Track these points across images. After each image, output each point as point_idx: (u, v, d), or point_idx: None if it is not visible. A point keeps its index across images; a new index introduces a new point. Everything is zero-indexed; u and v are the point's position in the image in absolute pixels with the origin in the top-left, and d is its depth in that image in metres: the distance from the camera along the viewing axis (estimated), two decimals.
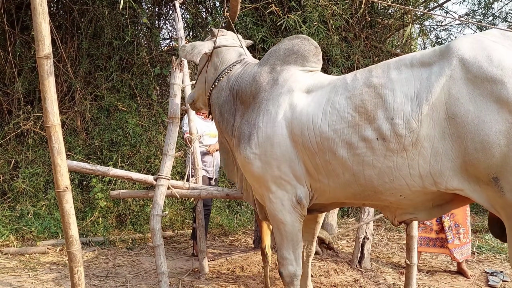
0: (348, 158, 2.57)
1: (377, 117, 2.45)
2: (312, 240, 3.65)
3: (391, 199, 2.62)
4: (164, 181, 4.08)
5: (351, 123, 2.55)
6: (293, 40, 3.18)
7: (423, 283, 4.50)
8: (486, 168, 2.14)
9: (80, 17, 8.12)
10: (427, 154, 2.31)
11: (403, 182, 2.44)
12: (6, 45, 7.68)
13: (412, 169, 2.38)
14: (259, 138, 2.93)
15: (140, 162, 7.32)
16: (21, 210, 6.57)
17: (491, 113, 2.08)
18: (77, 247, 3.01)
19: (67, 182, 2.92)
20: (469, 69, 2.17)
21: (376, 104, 2.46)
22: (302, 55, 3.11)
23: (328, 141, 2.63)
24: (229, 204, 7.59)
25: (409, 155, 2.36)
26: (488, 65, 2.12)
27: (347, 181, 2.65)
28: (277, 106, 2.93)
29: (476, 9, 9.13)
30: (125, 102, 7.80)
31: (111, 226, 6.58)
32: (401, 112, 2.37)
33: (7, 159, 7.43)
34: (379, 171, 2.49)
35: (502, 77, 2.08)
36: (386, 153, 2.43)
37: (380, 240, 6.28)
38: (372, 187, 2.58)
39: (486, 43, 2.19)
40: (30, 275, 4.80)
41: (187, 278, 4.64)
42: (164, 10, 9.16)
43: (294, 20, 6.95)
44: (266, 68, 3.17)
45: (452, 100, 2.20)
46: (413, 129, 2.32)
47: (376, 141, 2.46)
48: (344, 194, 2.78)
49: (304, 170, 2.83)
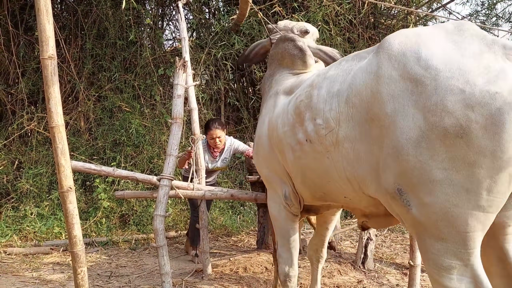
0: (294, 160, 2.58)
1: (305, 118, 2.39)
2: (322, 246, 3.62)
3: (341, 201, 2.58)
4: (167, 181, 4.07)
5: (291, 125, 2.54)
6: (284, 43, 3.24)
7: (427, 284, 4.49)
8: (392, 177, 1.91)
9: (84, 17, 8.14)
10: (350, 156, 2.13)
11: (337, 184, 2.35)
12: (10, 45, 7.71)
13: (338, 171, 2.25)
14: (256, 138, 3.14)
15: (144, 162, 7.33)
16: (24, 211, 6.58)
17: (406, 118, 1.80)
18: (80, 248, 3.02)
19: (70, 182, 2.93)
20: (395, 66, 1.88)
21: (306, 104, 2.39)
22: (290, 59, 3.19)
23: (281, 143, 2.68)
24: (232, 204, 7.59)
25: (334, 157, 2.23)
26: (413, 63, 1.82)
27: (303, 182, 2.65)
28: (266, 108, 3.07)
29: (479, 10, 9.12)
30: (128, 103, 7.82)
31: (114, 227, 6.59)
32: (321, 111, 2.25)
33: (11, 160, 7.45)
34: (316, 172, 2.44)
35: (423, 78, 1.78)
36: (315, 155, 2.36)
37: (384, 241, 6.27)
38: (319, 187, 2.55)
39: (423, 39, 1.88)
40: (33, 275, 4.81)
41: (190, 278, 4.64)
42: (168, 11, 9.18)
43: (297, 20, 6.94)
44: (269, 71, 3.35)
45: (374, 100, 1.95)
46: (331, 128, 2.17)
47: (306, 143, 2.39)
48: (306, 194, 2.78)
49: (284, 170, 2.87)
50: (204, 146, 5.20)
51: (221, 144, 5.13)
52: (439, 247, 1.82)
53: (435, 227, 1.81)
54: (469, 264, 1.79)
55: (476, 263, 1.80)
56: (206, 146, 5.21)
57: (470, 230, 1.74)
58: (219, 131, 5.04)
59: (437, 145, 1.73)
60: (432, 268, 1.88)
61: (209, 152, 5.22)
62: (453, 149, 1.70)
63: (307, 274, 4.64)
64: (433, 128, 1.72)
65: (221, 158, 5.28)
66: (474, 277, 1.78)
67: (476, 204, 1.71)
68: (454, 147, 1.69)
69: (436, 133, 1.72)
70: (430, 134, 1.73)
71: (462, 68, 1.71)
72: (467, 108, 1.65)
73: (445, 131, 1.70)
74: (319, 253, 3.63)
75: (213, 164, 5.28)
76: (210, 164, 5.27)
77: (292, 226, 3.05)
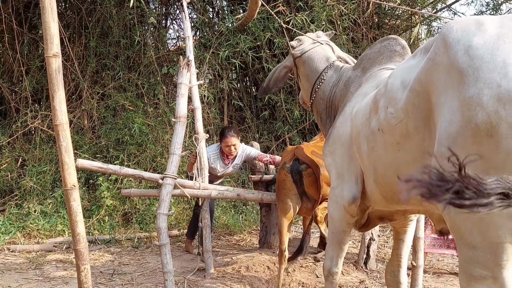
0: (368, 152, 2.45)
1: (379, 105, 2.28)
2: (399, 266, 3.17)
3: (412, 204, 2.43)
4: (171, 180, 4.08)
5: (368, 115, 2.44)
6: (383, 42, 3.17)
7: (429, 285, 4.49)
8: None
9: (88, 16, 8.16)
10: (421, 148, 2.01)
11: None
12: (14, 44, 7.73)
13: (409, 165, 2.11)
14: (333, 136, 3.01)
15: (147, 161, 7.34)
16: (28, 208, 6.60)
17: (451, 111, 1.70)
18: (84, 245, 3.03)
19: (74, 180, 2.94)
20: (448, 54, 1.76)
21: (382, 93, 2.30)
22: (388, 55, 3.07)
23: (359, 135, 2.58)
24: (234, 204, 7.59)
25: (405, 149, 2.10)
26: (463, 51, 1.69)
27: (375, 179, 2.52)
28: (351, 106, 2.94)
29: (484, 11, 9.08)
30: (132, 102, 7.83)
31: (117, 225, 6.60)
32: (393, 100, 2.14)
33: (15, 157, 7.47)
34: (386, 167, 2.32)
35: (467, 68, 1.65)
36: (386, 147, 2.24)
37: (386, 241, 6.26)
38: (389, 186, 2.41)
39: (483, 27, 1.73)
40: (36, 272, 4.83)
41: (192, 277, 4.65)
42: (172, 10, 9.19)
43: (302, 19, 6.95)
44: (357, 72, 3.21)
45: (433, 88, 1.83)
46: (401, 119, 2.06)
47: (378, 132, 2.28)
48: (377, 196, 2.63)
49: (359, 169, 2.78)
50: (215, 153, 5.21)
51: (236, 152, 5.15)
52: (471, 255, 1.75)
53: (469, 233, 1.73)
54: (499, 277, 1.71)
55: (507, 278, 1.70)
56: (218, 153, 5.22)
57: (501, 240, 1.65)
58: (235, 139, 5.05)
59: (470, 143, 1.61)
60: (463, 276, 1.82)
61: (221, 159, 5.24)
62: (483, 149, 1.58)
63: (309, 274, 4.65)
64: (468, 124, 1.61)
65: (232, 164, 5.29)
66: None
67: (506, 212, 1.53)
68: (483, 146, 1.58)
69: (470, 129, 1.60)
70: (465, 131, 1.62)
71: (506, 61, 1.58)
72: (499, 104, 1.53)
73: (476, 127, 1.58)
74: (397, 277, 3.18)
75: (224, 170, 5.30)
76: (221, 170, 5.29)
77: (347, 228, 3.01)
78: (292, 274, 4.66)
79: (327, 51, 3.68)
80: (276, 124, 8.26)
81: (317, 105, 3.58)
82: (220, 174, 5.29)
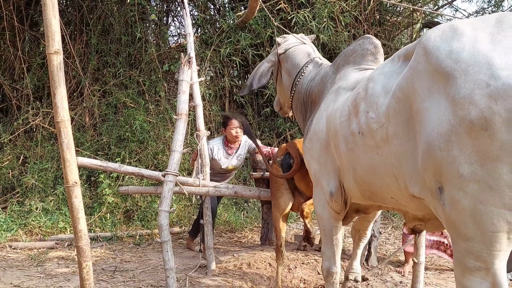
0: (346, 152, 2.56)
1: (359, 109, 2.38)
2: (366, 229, 3.67)
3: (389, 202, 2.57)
4: (172, 177, 4.08)
5: (347, 116, 2.53)
6: (358, 41, 3.26)
7: (430, 282, 4.49)
8: (433, 175, 1.89)
9: (89, 13, 8.16)
10: (398, 153, 2.12)
11: (384, 183, 2.34)
12: (15, 41, 7.73)
13: (386, 168, 2.24)
14: (310, 133, 3.09)
15: (148, 158, 7.35)
16: (29, 205, 6.62)
17: (439, 112, 1.82)
18: (85, 242, 3.03)
19: (76, 177, 2.94)
20: (430, 60, 1.90)
21: (363, 97, 2.39)
22: (360, 53, 3.15)
23: (337, 134, 2.66)
24: (236, 201, 7.60)
25: (383, 153, 2.22)
26: (445, 56, 1.83)
27: (354, 178, 2.62)
28: (326, 103, 3.04)
29: (486, 7, 9.06)
30: (133, 99, 7.83)
31: (118, 222, 6.61)
32: (375, 105, 2.24)
33: (16, 155, 7.49)
34: (365, 168, 2.43)
35: (453, 71, 1.78)
36: (365, 149, 2.35)
37: (387, 238, 6.26)
38: (367, 186, 2.53)
39: (459, 32, 1.87)
40: (38, 269, 4.84)
41: (194, 274, 4.65)
42: (173, 7, 9.19)
43: (304, 16, 6.94)
44: (332, 69, 3.30)
45: (415, 95, 1.96)
46: (382, 123, 2.17)
47: (358, 135, 2.38)
48: (355, 192, 2.75)
49: (336, 165, 2.87)
50: (219, 144, 5.21)
51: (241, 136, 5.18)
52: (466, 247, 1.80)
53: (464, 225, 1.79)
54: (492, 268, 1.76)
55: (500, 268, 1.77)
56: (221, 143, 5.23)
57: (495, 229, 1.71)
58: (238, 122, 5.12)
59: (465, 139, 1.72)
60: (457, 268, 1.87)
61: (225, 149, 5.24)
62: (478, 143, 1.68)
63: (310, 271, 4.65)
64: (461, 122, 1.72)
65: (236, 155, 5.28)
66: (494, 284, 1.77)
67: (501, 201, 1.67)
68: (479, 140, 1.68)
69: (464, 126, 1.71)
70: (458, 128, 1.73)
71: (489, 62, 1.70)
72: (491, 100, 1.65)
73: (471, 123, 1.69)
74: (362, 233, 3.69)
75: (228, 161, 5.27)
76: (225, 161, 5.25)
77: (335, 224, 3.08)
78: (294, 271, 4.66)
79: (309, 49, 3.82)
80: (278, 121, 8.26)
81: (297, 99, 3.65)
82: (225, 167, 5.26)
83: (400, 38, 9.14)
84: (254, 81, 3.80)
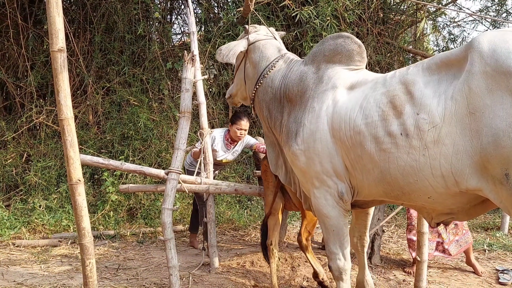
0: (375, 153, 2.59)
1: (403, 111, 2.47)
2: (365, 231, 3.67)
3: (421, 201, 2.60)
4: (175, 175, 4.08)
5: (380, 117, 2.58)
6: (336, 40, 3.20)
7: (433, 280, 4.48)
8: (498, 163, 2.11)
9: (93, 11, 8.15)
10: (449, 152, 2.29)
11: (427, 183, 2.42)
12: (19, 39, 7.74)
13: (433, 169, 2.36)
14: (304, 134, 3.04)
15: (151, 156, 7.35)
16: (33, 203, 6.63)
17: (505, 106, 2.07)
18: (89, 240, 3.03)
19: (79, 174, 2.94)
20: (487, 62, 2.15)
21: (405, 100, 2.48)
22: (346, 55, 3.13)
23: (359, 135, 2.67)
24: (239, 199, 7.60)
25: (431, 154, 2.35)
26: (505, 58, 2.10)
27: (377, 178, 2.66)
28: (321, 102, 3.02)
29: (489, 6, 9.03)
30: (136, 97, 7.83)
31: (122, 220, 6.62)
32: (427, 106, 2.37)
33: (20, 152, 7.50)
34: (403, 170, 2.48)
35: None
36: (409, 150, 2.43)
37: (391, 237, 6.26)
38: (399, 187, 2.58)
39: (508, 37, 2.17)
40: (41, 267, 4.85)
41: (197, 271, 4.66)
42: (176, 5, 9.17)
43: (308, 13, 6.92)
44: (312, 68, 3.23)
45: (472, 95, 2.19)
46: (436, 124, 2.32)
47: (400, 136, 2.46)
48: (377, 191, 2.78)
49: (343, 165, 2.89)
50: (221, 136, 5.22)
51: (243, 138, 5.22)
52: None
53: None
54: None
55: None
56: (223, 136, 5.24)
57: None
58: (247, 124, 5.15)
59: None
60: None
61: (224, 143, 5.24)
62: None
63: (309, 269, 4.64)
64: None
65: (232, 151, 5.29)
66: None
67: None
68: None
69: None
70: None
71: None
72: None
73: None
74: (363, 238, 3.68)
75: (224, 155, 5.27)
76: (222, 154, 5.25)
77: (345, 222, 3.10)
78: (297, 269, 4.66)
79: (280, 44, 3.78)
80: None
81: (263, 93, 3.56)
82: (219, 159, 5.25)
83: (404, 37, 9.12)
84: (228, 56, 3.72)
